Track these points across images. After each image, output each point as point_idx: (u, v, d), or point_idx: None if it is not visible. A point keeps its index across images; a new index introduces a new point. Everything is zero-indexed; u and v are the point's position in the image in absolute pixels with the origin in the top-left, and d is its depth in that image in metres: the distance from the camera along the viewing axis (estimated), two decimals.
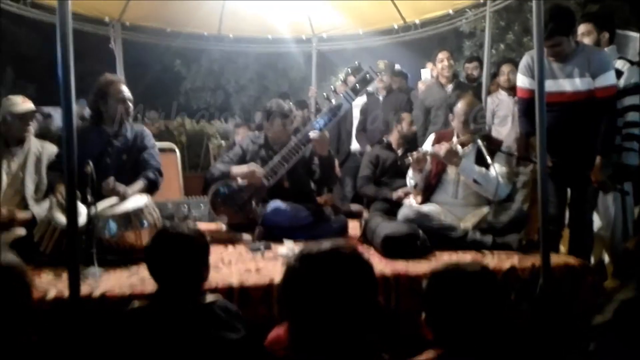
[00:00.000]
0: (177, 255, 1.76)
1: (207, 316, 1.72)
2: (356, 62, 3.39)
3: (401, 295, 2.31)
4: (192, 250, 1.79)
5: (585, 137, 2.96)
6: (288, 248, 2.81)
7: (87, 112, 3.31)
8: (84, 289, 2.06)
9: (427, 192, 3.19)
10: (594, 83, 2.92)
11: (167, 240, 1.80)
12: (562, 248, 3.28)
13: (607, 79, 2.92)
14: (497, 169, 2.95)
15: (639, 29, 4.29)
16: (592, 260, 3.30)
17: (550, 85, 2.90)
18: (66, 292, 1.91)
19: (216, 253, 2.82)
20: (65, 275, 2.06)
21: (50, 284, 2.20)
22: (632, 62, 3.14)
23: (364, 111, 4.91)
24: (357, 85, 3.17)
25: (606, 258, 3.32)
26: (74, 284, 1.87)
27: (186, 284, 1.76)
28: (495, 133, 3.99)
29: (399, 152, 4.06)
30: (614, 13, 3.42)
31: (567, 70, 2.98)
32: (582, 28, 3.22)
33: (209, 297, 1.78)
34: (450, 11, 4.59)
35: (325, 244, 1.31)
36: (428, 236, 2.78)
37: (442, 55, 4.39)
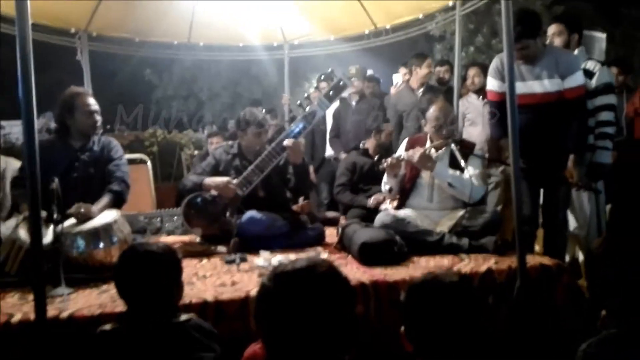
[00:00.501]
0: (146, 274, 1.69)
1: (181, 336, 1.66)
2: (329, 69, 3.36)
3: (380, 303, 2.28)
4: (162, 268, 1.72)
5: (556, 138, 2.99)
6: (265, 259, 2.76)
7: (53, 125, 3.23)
8: (51, 311, 1.98)
9: (403, 197, 3.19)
10: (563, 84, 2.95)
11: (136, 259, 1.73)
12: (537, 247, 3.31)
13: (576, 80, 2.96)
14: (470, 172, 2.96)
15: (604, 29, 4.40)
16: (567, 258, 3.34)
17: (519, 87, 2.91)
18: (32, 315, 1.84)
19: (190, 267, 2.76)
20: (31, 297, 1.98)
21: (16, 307, 2.11)
22: (602, 63, 3.20)
23: (336, 117, 4.90)
24: (330, 92, 3.16)
25: (580, 256, 3.36)
26: (40, 306, 1.81)
27: (157, 304, 1.69)
28: (465, 135, 4.02)
29: (376, 158, 4.05)
30: (580, 15, 3.49)
31: (535, 72, 3.01)
32: (553, 28, 3.27)
33: (182, 316, 1.72)
34: (421, 15, 4.61)
35: (301, 262, 1.26)
36: (405, 241, 2.77)
37: (428, 64, 4.43)
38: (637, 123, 4.23)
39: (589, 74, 3.12)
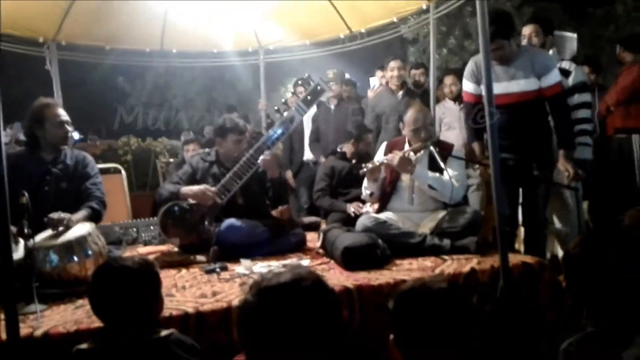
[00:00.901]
0: (122, 291, 1.62)
1: (161, 352, 1.60)
2: (306, 74, 3.34)
3: (365, 307, 2.26)
4: (139, 284, 1.65)
5: (534, 136, 3.02)
6: (245, 267, 2.72)
7: (22, 137, 3.13)
8: (24, 329, 1.90)
9: (383, 200, 3.17)
10: (539, 83, 2.99)
11: (111, 276, 1.66)
12: (518, 246, 3.34)
13: (553, 78, 2.99)
14: (450, 173, 2.96)
15: (574, 29, 4.49)
16: (547, 255, 3.37)
17: (495, 88, 2.93)
18: (3, 334, 1.77)
19: (169, 278, 2.70)
20: (2, 316, 1.90)
21: None
22: (576, 62, 3.26)
23: (315, 121, 4.88)
24: (308, 97, 3.14)
25: (560, 252, 3.39)
26: (12, 325, 1.73)
27: (135, 321, 1.63)
28: (442, 139, 4.04)
29: (354, 161, 4.04)
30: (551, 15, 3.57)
31: (510, 73, 3.04)
32: (529, 29, 3.32)
33: (163, 332, 1.66)
34: (395, 19, 4.63)
35: (285, 275, 1.22)
36: (387, 244, 2.75)
37: (393, 64, 4.46)
38: (609, 120, 4.30)
39: (565, 72, 3.17)
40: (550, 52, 3.30)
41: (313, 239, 3.34)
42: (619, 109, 3.94)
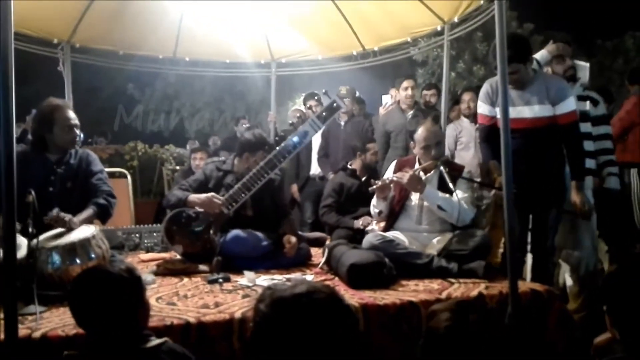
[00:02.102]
0: (101, 300, 1.55)
1: None
2: (323, 90, 3.33)
3: (370, 327, 2.21)
4: (120, 290, 1.58)
5: (546, 163, 2.99)
6: (249, 279, 2.68)
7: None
8: (23, 331, 1.87)
9: (391, 219, 3.13)
10: (554, 110, 2.97)
11: (88, 285, 1.60)
12: (524, 274, 3.28)
13: (568, 105, 2.95)
14: (459, 195, 2.93)
15: (589, 57, 4.50)
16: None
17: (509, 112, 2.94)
18: (2, 335, 1.73)
19: (170, 285, 2.67)
20: (1, 315, 1.86)
21: None
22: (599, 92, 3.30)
23: (325, 136, 4.86)
24: (323, 113, 3.13)
25: (568, 281, 3.33)
26: (11, 325, 1.69)
27: (117, 329, 1.56)
28: (458, 158, 4.03)
29: (363, 179, 4.02)
30: None
31: (525, 98, 3.01)
32: (563, 50, 3.30)
33: (153, 341, 1.61)
34: (409, 39, 4.65)
35: (300, 287, 1.18)
36: (393, 263, 2.71)
37: (406, 84, 4.47)
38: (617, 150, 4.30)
39: (594, 101, 3.18)
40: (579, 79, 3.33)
41: (317, 255, 3.30)
42: (618, 142, 3.95)
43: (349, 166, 4.14)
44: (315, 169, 4.97)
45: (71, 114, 2.90)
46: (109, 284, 1.58)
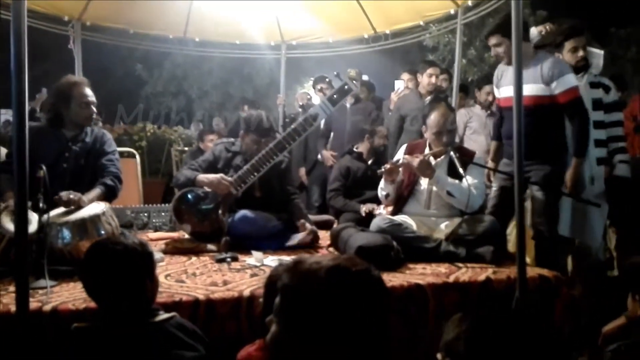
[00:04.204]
0: (115, 270, 1.59)
1: (160, 336, 1.57)
2: (335, 72, 3.31)
3: None
4: (128, 265, 1.60)
5: (544, 145, 2.94)
6: (257, 259, 2.69)
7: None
8: (33, 304, 1.88)
9: (399, 203, 3.13)
10: (552, 89, 2.92)
11: (101, 255, 1.62)
12: (528, 259, 3.27)
13: (567, 82, 2.91)
14: (469, 181, 2.92)
15: (602, 45, 4.42)
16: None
17: (505, 91, 3.07)
18: (13, 307, 1.75)
19: (179, 264, 2.69)
20: (12, 288, 1.88)
21: None
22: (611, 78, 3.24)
23: (328, 119, 4.84)
24: (334, 95, 3.11)
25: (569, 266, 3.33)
26: (23, 298, 1.71)
27: (129, 303, 1.59)
28: (468, 143, 4.02)
29: (370, 162, 4.01)
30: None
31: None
32: (575, 42, 3.22)
33: (162, 315, 1.63)
34: (422, 22, 4.60)
35: (327, 261, 1.17)
36: (401, 247, 2.70)
37: (431, 71, 4.40)
38: (630, 140, 4.25)
39: (606, 88, 3.13)
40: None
41: (325, 237, 3.30)
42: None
43: (355, 149, 4.12)
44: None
45: (88, 91, 2.93)
46: (122, 254, 1.61)
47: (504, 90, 3.15)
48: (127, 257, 1.61)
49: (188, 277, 2.40)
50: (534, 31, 3.29)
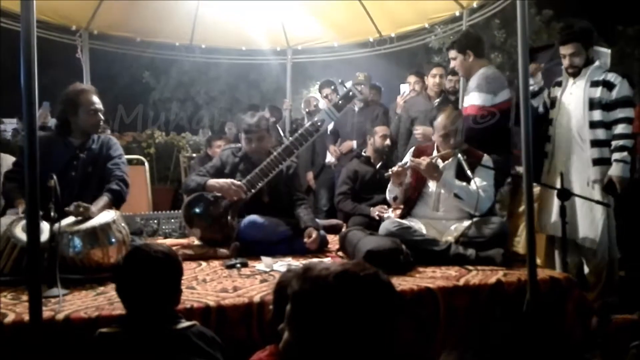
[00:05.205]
0: (150, 277, 1.63)
1: (182, 343, 1.59)
2: (339, 79, 3.34)
3: None
4: (167, 272, 1.66)
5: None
6: (266, 264, 2.69)
7: (50, 121, 3.15)
8: (46, 312, 1.89)
9: (408, 206, 3.12)
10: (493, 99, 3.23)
11: (141, 261, 1.66)
12: (538, 260, 3.24)
13: (467, 99, 3.33)
14: (477, 183, 2.91)
15: (609, 44, 4.38)
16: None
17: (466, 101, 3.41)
18: (26, 316, 1.76)
19: (189, 270, 2.69)
20: (25, 297, 1.90)
21: (9, 307, 2.01)
22: (623, 76, 3.14)
23: (337, 122, 4.85)
24: (340, 102, 3.13)
25: (585, 269, 3.29)
26: (36, 307, 1.72)
27: (158, 309, 1.63)
28: None
29: (377, 165, 4.00)
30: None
31: (467, 87, 3.42)
32: (570, 49, 3.19)
33: (184, 323, 1.65)
34: (427, 25, 4.59)
35: (335, 267, 1.18)
36: (410, 250, 2.70)
37: (436, 71, 4.41)
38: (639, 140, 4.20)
39: (608, 85, 3.08)
40: (597, 63, 3.22)
41: (334, 241, 3.30)
42: None
43: (363, 153, 4.12)
44: (330, 157, 4.96)
45: (95, 99, 2.96)
46: (160, 260, 1.66)
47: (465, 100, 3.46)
48: (164, 264, 1.67)
49: (199, 284, 2.42)
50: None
